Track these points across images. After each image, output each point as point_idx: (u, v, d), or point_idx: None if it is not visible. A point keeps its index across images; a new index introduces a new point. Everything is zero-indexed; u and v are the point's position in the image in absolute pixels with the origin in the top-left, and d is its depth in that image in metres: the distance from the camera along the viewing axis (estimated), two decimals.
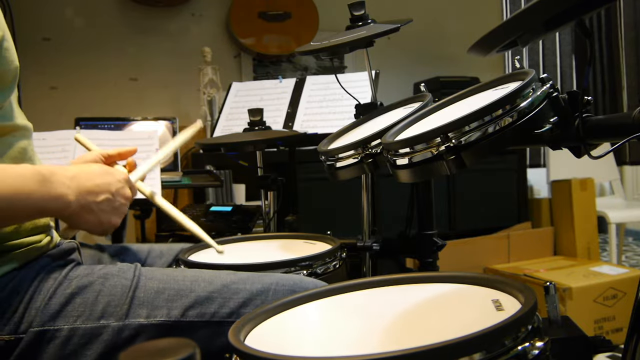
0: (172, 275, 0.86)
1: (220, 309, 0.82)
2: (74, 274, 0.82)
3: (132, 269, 0.86)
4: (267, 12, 3.53)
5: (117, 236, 2.05)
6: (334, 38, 1.23)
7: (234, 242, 1.26)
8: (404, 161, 0.73)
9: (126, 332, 0.78)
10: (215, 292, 0.83)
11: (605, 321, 2.23)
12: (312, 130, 1.99)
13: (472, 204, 2.80)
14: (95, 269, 0.85)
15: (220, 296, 0.83)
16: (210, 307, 0.82)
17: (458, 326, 0.62)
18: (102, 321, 0.77)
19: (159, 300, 0.81)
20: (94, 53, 3.40)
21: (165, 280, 0.84)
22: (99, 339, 0.77)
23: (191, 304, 0.81)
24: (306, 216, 1.96)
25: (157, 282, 0.83)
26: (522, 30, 0.70)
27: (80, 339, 0.76)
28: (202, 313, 0.81)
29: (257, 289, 0.84)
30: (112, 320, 0.78)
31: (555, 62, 3.78)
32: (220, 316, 0.82)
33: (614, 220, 2.83)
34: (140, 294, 0.81)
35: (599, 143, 0.75)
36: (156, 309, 0.80)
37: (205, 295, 0.82)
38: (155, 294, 0.81)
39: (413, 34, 2.42)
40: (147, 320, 0.79)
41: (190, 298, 0.82)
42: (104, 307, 0.78)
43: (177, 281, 0.84)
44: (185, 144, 1.15)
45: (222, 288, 0.84)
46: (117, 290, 0.81)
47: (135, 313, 0.79)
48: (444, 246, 1.30)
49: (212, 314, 0.81)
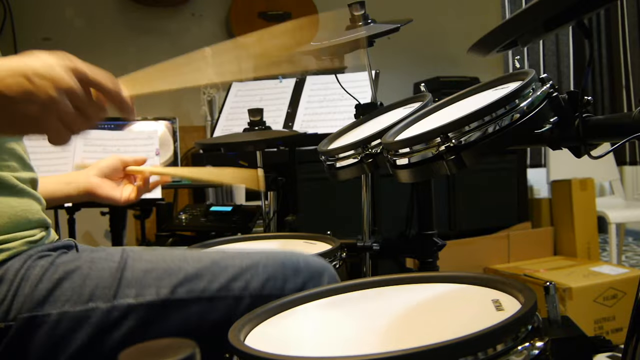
0: (160, 255, 0.85)
1: (209, 285, 0.80)
2: (61, 259, 0.81)
3: (120, 251, 0.85)
4: (267, 12, 3.53)
5: (117, 237, 2.05)
6: (334, 38, 1.23)
7: (234, 242, 1.26)
8: (404, 161, 0.73)
9: (115, 313, 0.77)
10: (204, 269, 0.82)
11: (605, 321, 2.23)
12: (312, 130, 1.99)
13: (472, 204, 2.80)
14: (83, 254, 0.84)
15: (209, 272, 0.82)
16: (200, 283, 0.80)
17: (458, 326, 0.62)
18: (91, 304, 0.76)
19: (148, 279, 0.80)
20: (94, 53, 3.38)
21: (154, 261, 0.83)
22: (88, 322, 0.76)
23: (180, 281, 0.80)
24: (306, 216, 1.96)
25: (145, 262, 0.82)
26: (522, 31, 0.70)
27: (69, 323, 0.75)
28: (191, 289, 0.80)
29: (246, 264, 0.83)
30: (100, 302, 0.77)
31: (555, 62, 3.78)
32: (210, 291, 0.80)
33: (614, 220, 2.83)
34: (128, 275, 0.80)
35: (599, 143, 0.75)
36: (145, 288, 0.79)
37: (194, 272, 0.81)
38: (143, 274, 0.80)
39: (413, 34, 2.41)
40: (136, 300, 0.78)
41: (178, 276, 0.80)
42: (91, 289, 0.77)
43: (165, 260, 0.83)
44: (185, 144, 1.15)
45: (211, 265, 0.83)
46: (104, 272, 0.80)
47: (124, 293, 0.78)
48: (444, 246, 1.31)
49: (202, 290, 0.80)
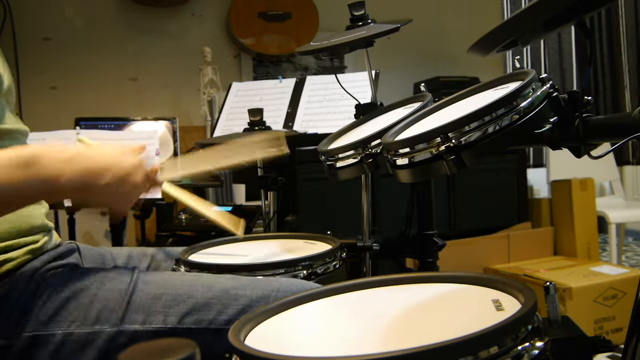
0: (170, 279, 0.84)
1: (218, 316, 0.80)
2: (69, 277, 0.80)
3: (130, 272, 0.84)
4: (267, 12, 3.53)
5: (117, 237, 2.05)
6: (334, 38, 1.23)
7: (234, 242, 1.26)
8: (404, 161, 0.72)
9: (121, 338, 0.76)
10: (214, 299, 0.81)
11: (605, 321, 2.23)
12: (312, 130, 1.99)
13: (472, 204, 2.79)
14: (92, 272, 0.83)
15: (219, 302, 0.81)
16: (208, 314, 0.79)
17: (458, 326, 0.61)
18: (97, 326, 0.75)
19: (156, 306, 0.79)
20: (94, 53, 3.41)
21: (163, 285, 0.82)
22: (93, 345, 0.75)
23: (188, 310, 0.79)
24: (306, 216, 1.96)
25: (155, 286, 0.81)
26: (522, 30, 0.70)
27: (74, 344, 0.74)
28: (199, 320, 0.79)
29: (257, 295, 0.82)
30: (106, 326, 0.76)
31: (557, 61, 3.78)
32: (218, 323, 0.79)
33: (614, 220, 2.83)
34: (136, 299, 0.79)
35: (599, 143, 0.75)
36: (152, 314, 0.78)
37: (204, 302, 0.80)
38: (152, 300, 0.79)
39: (413, 34, 2.42)
40: (142, 326, 0.77)
41: (187, 304, 0.79)
42: (98, 311, 0.76)
43: (174, 286, 0.82)
44: (185, 144, 1.15)
45: (222, 294, 0.81)
46: (113, 294, 0.78)
47: (131, 319, 0.77)
48: (444, 246, 1.30)
49: (210, 321, 0.79)
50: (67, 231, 2.06)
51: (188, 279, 0.86)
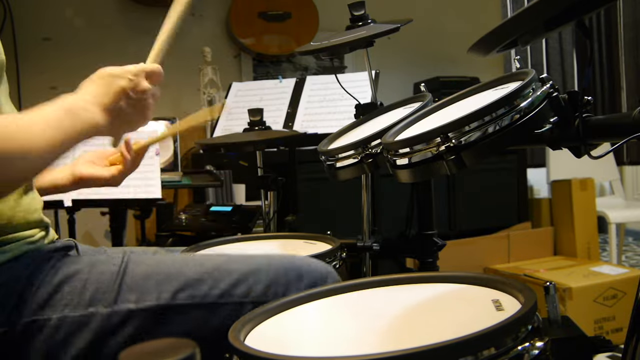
0: (162, 260, 0.85)
1: (211, 290, 0.80)
2: (62, 262, 0.81)
3: (121, 254, 0.84)
4: (267, 12, 3.53)
5: (117, 237, 2.05)
6: (334, 38, 1.23)
7: (234, 242, 1.26)
8: (404, 161, 0.73)
9: (115, 318, 0.76)
10: (206, 274, 0.81)
11: (605, 321, 2.23)
12: (312, 130, 1.99)
13: (472, 204, 2.80)
14: (83, 258, 0.84)
15: (211, 277, 0.81)
16: (201, 289, 0.79)
17: (458, 326, 0.62)
18: (91, 308, 0.76)
19: (148, 284, 0.79)
20: (94, 53, 3.40)
21: (154, 265, 0.82)
22: (88, 327, 0.75)
23: (181, 286, 0.79)
24: (306, 216, 1.96)
25: (146, 267, 0.81)
26: (522, 30, 0.70)
27: (69, 327, 0.75)
28: (192, 295, 0.79)
29: (248, 269, 0.82)
30: (100, 307, 0.76)
31: (558, 61, 3.78)
32: (212, 297, 0.79)
33: (614, 220, 2.83)
34: (128, 280, 0.79)
35: (599, 143, 0.75)
36: (145, 293, 0.78)
37: (196, 277, 0.80)
38: (144, 279, 0.79)
39: (413, 34, 2.41)
40: (136, 305, 0.77)
41: (179, 281, 0.79)
42: (92, 294, 0.77)
43: (166, 265, 0.82)
44: (185, 144, 1.15)
45: (213, 270, 0.82)
46: (105, 276, 0.79)
47: (124, 298, 0.77)
48: (444, 246, 1.30)
49: (203, 296, 0.79)
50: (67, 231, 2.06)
51: (179, 258, 0.86)
